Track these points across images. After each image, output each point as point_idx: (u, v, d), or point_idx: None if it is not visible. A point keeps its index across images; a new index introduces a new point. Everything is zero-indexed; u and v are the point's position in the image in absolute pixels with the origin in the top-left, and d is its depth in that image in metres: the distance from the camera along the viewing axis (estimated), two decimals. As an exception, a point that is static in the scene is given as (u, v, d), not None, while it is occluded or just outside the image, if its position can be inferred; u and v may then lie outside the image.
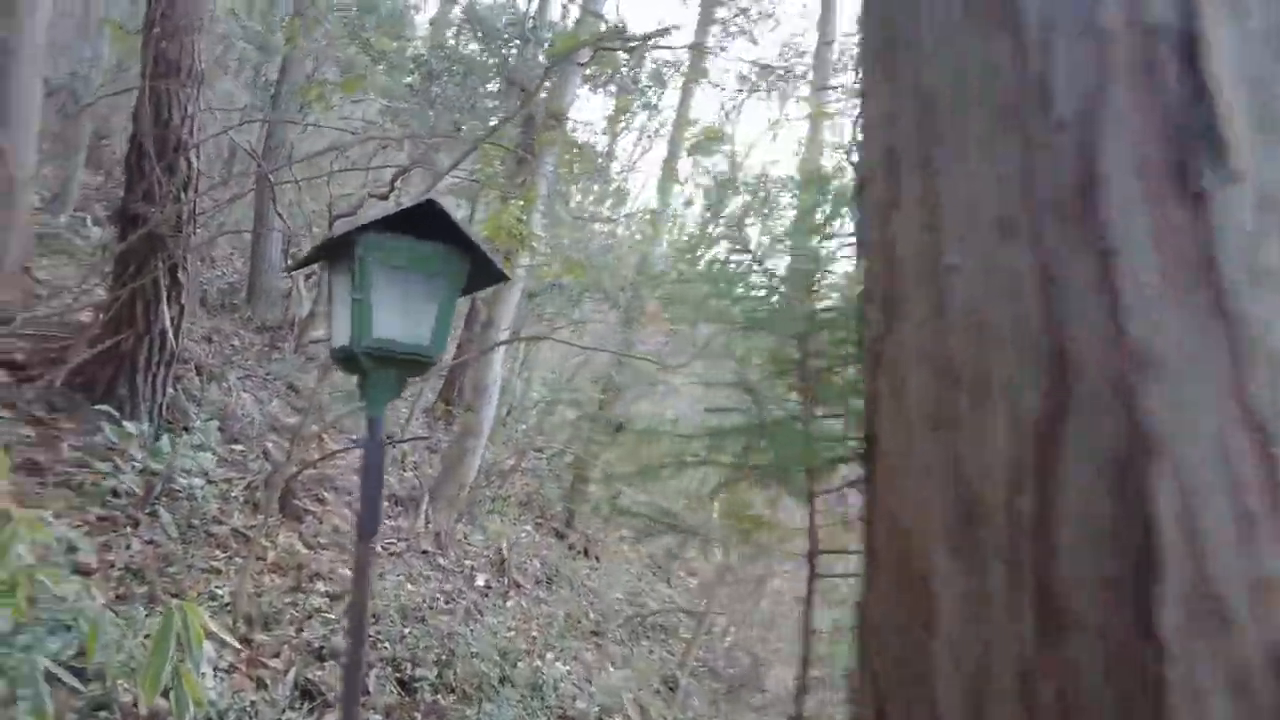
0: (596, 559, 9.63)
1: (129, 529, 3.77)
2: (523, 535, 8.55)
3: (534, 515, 10.14)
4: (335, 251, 2.24)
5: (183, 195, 4.71)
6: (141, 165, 4.61)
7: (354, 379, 2.29)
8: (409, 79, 10.94)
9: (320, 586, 4.27)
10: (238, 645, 3.13)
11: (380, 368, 2.14)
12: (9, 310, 4.91)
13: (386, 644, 4.07)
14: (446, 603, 5.11)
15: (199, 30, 4.74)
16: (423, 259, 2.18)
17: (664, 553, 12.08)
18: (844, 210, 2.39)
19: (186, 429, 4.98)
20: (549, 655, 5.41)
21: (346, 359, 2.19)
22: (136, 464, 4.14)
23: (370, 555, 2.15)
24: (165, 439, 4.70)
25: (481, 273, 2.28)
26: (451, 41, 12.56)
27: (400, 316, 2.15)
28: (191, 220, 4.79)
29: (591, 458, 11.17)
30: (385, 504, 6.36)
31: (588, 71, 7.91)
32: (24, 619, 2.58)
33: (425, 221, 2.17)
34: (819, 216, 2.46)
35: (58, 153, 10.10)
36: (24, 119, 5.47)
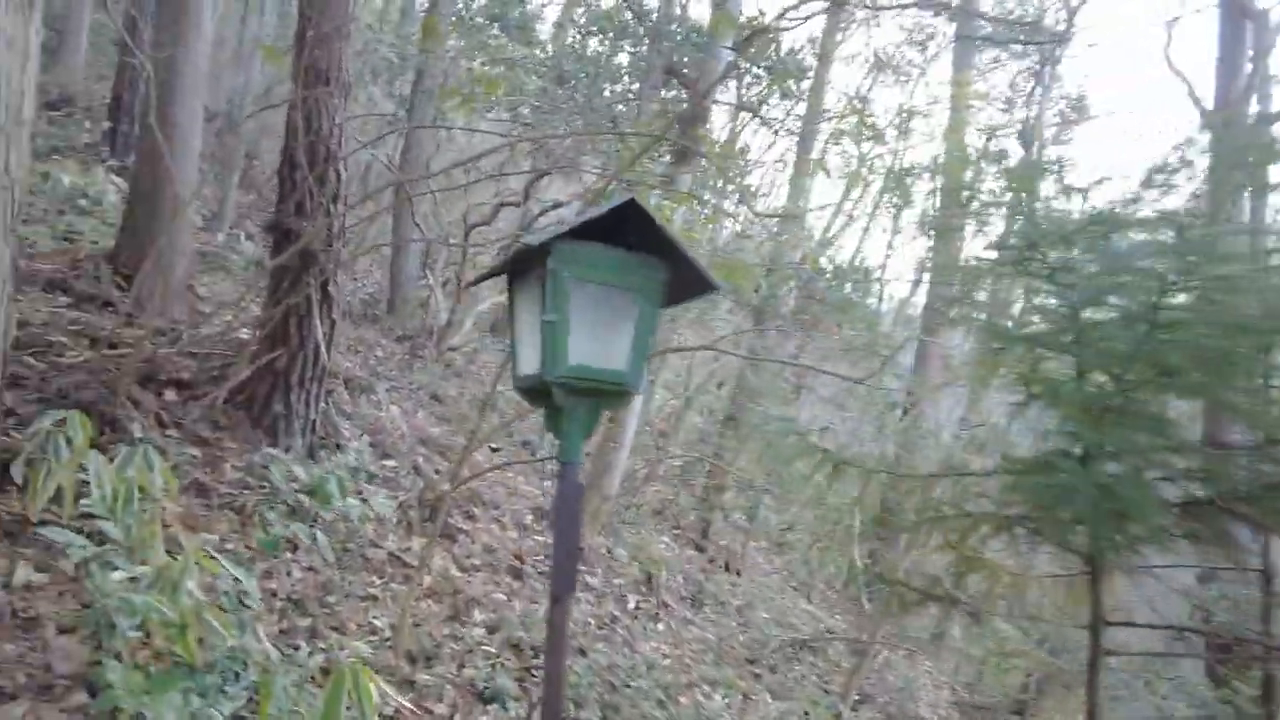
0: (737, 573, 9.20)
1: (289, 554, 3.67)
2: (661, 548, 8.24)
3: (669, 526, 9.83)
4: (520, 265, 1.93)
5: (332, 208, 4.63)
6: (293, 177, 4.56)
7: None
8: (536, 84, 10.87)
9: (477, 615, 4.07)
10: (404, 702, 2.91)
11: (576, 400, 1.82)
12: (176, 328, 4.99)
13: (548, 681, 3.81)
14: (600, 628, 4.84)
15: (346, 39, 4.66)
16: (620, 270, 1.84)
17: (804, 567, 11.53)
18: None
19: (339, 445, 4.93)
20: (706, 686, 5.04)
21: (535, 390, 1.88)
22: (295, 485, 4.06)
23: (566, 619, 1.82)
24: (321, 457, 4.65)
25: (684, 283, 1.92)
26: (575, 45, 12.44)
27: (596, 339, 1.82)
28: (341, 234, 4.72)
29: (726, 465, 10.76)
30: (528, 517, 6.18)
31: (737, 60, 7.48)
32: (195, 662, 2.43)
33: (619, 226, 1.83)
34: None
35: (215, 173, 10.62)
36: (187, 140, 5.60)
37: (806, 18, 4.20)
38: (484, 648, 3.78)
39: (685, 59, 9.42)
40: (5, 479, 3.07)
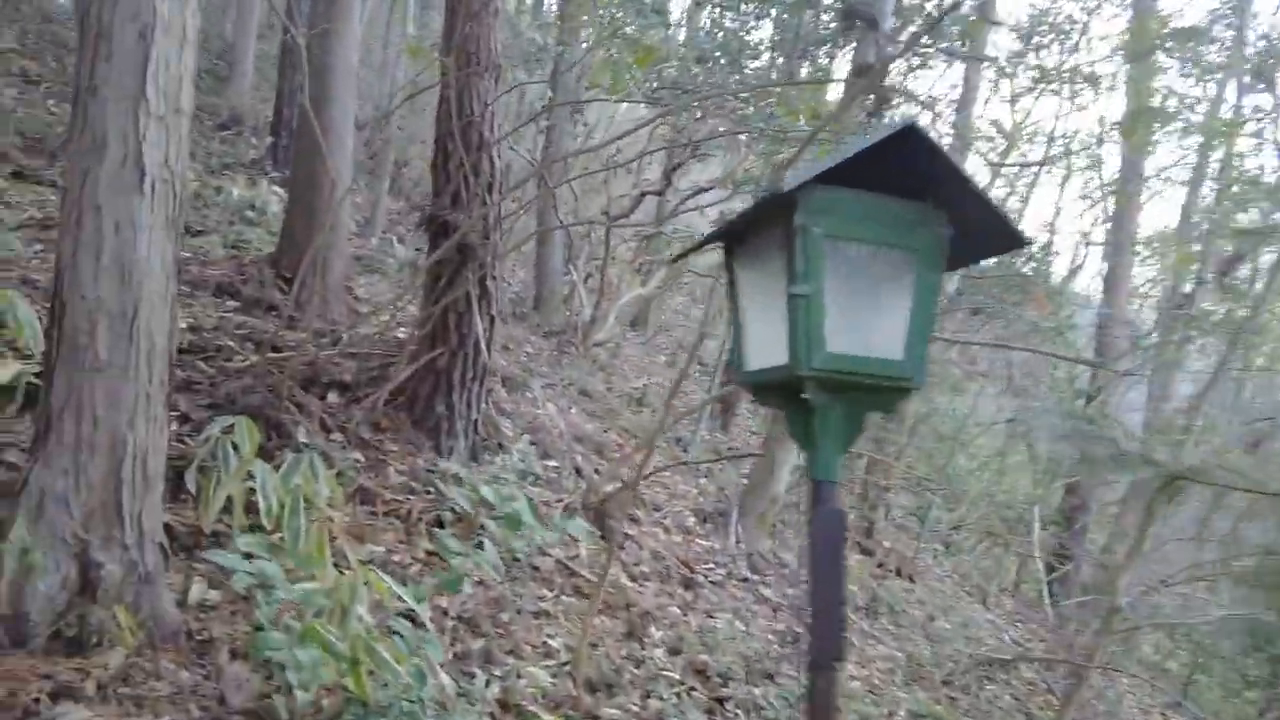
0: (910, 579, 8.47)
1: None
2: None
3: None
4: (746, 228, 1.50)
5: (487, 198, 4.40)
6: (447, 167, 4.36)
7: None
8: (676, 66, 10.47)
9: (655, 632, 3.71)
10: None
11: (835, 400, 1.37)
12: (336, 329, 4.94)
13: (741, 714, 3.40)
14: (782, 646, 4.37)
15: (495, 15, 4.41)
16: (890, 223, 1.38)
17: (977, 571, 10.60)
18: None
19: (501, 445, 4.71)
20: (902, 713, 4.48)
21: (775, 387, 1.45)
22: (460, 490, 3.84)
23: (833, 695, 1.38)
24: (484, 459, 4.44)
25: (975, 237, 1.42)
26: (715, 20, 11.95)
27: (862, 317, 1.37)
28: (497, 225, 4.48)
29: (891, 460, 10.01)
30: (690, 519, 5.80)
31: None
32: (368, 699, 2.17)
33: (882, 166, 1.36)
34: None
35: (366, 181, 10.91)
36: (341, 138, 5.57)
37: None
38: (667, 673, 3.41)
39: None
40: (180, 487, 2.98)
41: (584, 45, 10.92)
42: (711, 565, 4.97)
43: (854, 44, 8.38)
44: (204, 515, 2.75)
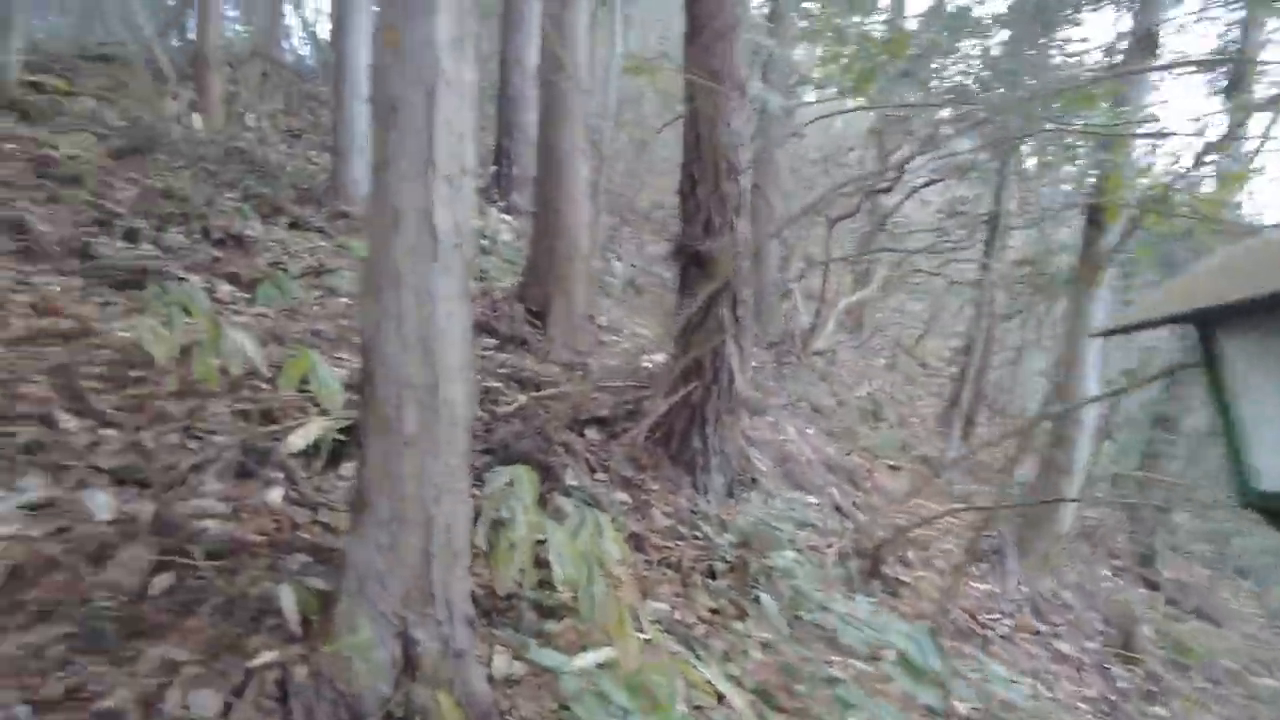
0: (1210, 619, 7.26)
1: (737, 623, 3.22)
2: (1109, 586, 6.73)
3: (1103, 554, 8.13)
4: (1257, 300, 1.10)
5: (736, 223, 4.17)
6: (695, 194, 4.18)
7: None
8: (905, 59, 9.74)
9: (957, 705, 3.29)
10: None
11: None
12: (584, 361, 4.93)
13: (1080, 818, 2.92)
14: (1097, 718, 3.76)
15: (737, 26, 4.16)
16: None
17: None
18: None
19: (755, 479, 4.47)
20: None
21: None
22: (729, 535, 3.63)
23: None
24: (741, 496, 4.22)
25: None
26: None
27: None
28: (746, 252, 4.24)
29: (1168, 479, 8.71)
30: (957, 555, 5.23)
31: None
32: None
33: None
34: None
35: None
36: (578, 174, 5.58)
37: None
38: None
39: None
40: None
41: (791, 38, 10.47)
42: (997, 614, 4.42)
43: (1121, 11, 7.33)
44: (499, 579, 2.72)
